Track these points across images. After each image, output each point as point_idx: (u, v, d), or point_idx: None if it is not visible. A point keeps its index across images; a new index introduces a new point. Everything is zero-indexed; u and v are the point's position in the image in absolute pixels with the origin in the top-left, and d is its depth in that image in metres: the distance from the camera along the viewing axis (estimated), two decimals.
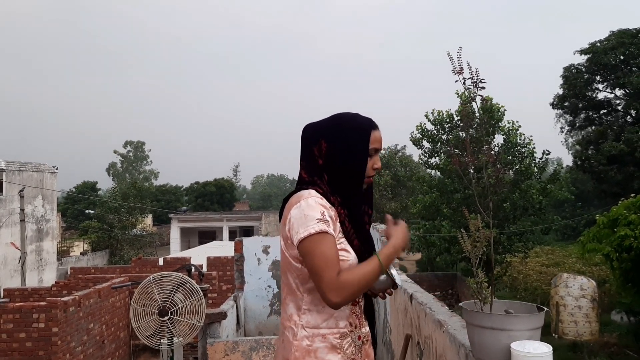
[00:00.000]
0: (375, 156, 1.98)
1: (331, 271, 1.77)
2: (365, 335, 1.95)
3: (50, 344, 8.94)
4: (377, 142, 1.97)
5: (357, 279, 1.78)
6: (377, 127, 1.99)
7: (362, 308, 1.96)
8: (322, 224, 1.80)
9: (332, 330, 1.87)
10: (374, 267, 1.82)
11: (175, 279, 4.61)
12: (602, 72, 25.06)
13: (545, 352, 1.75)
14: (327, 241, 1.79)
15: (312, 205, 1.83)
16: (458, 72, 1.91)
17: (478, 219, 2.06)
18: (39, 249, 17.85)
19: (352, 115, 2.00)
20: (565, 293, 16.93)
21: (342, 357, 1.86)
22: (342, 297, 1.77)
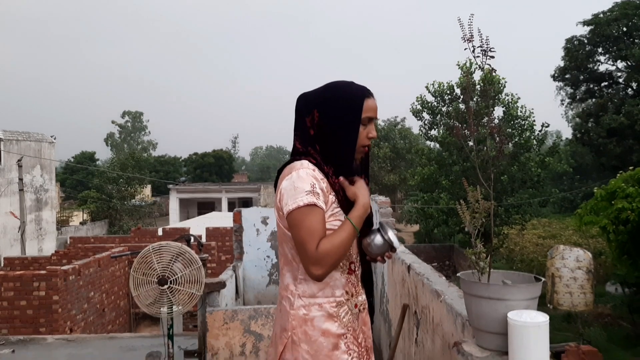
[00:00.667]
0: (370, 125, 1.93)
1: (314, 244, 1.77)
2: (362, 303, 1.96)
3: (51, 312, 9.04)
4: (372, 111, 1.92)
5: (334, 248, 1.77)
6: (372, 95, 1.94)
7: (358, 276, 1.96)
8: (311, 197, 1.79)
9: (328, 299, 1.88)
10: (349, 232, 1.81)
11: (174, 249, 4.63)
12: (605, 44, 24.79)
13: (542, 322, 1.76)
14: (315, 214, 1.79)
15: (303, 177, 1.83)
16: (468, 39, 1.87)
17: (477, 190, 2.05)
18: (38, 219, 17.90)
19: (346, 83, 1.95)
20: (561, 265, 17.09)
21: (338, 325, 1.88)
22: (324, 269, 1.78)
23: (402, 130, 38.35)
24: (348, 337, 1.89)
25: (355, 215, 1.85)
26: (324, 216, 1.82)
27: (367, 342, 1.97)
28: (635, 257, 9.88)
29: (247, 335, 4.94)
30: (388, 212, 5.89)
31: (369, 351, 1.98)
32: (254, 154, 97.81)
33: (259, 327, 4.95)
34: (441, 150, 19.76)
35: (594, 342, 12.06)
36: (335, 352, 1.86)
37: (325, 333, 1.86)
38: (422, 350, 3.39)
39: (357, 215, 1.86)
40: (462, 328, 2.41)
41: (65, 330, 9.04)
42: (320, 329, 1.86)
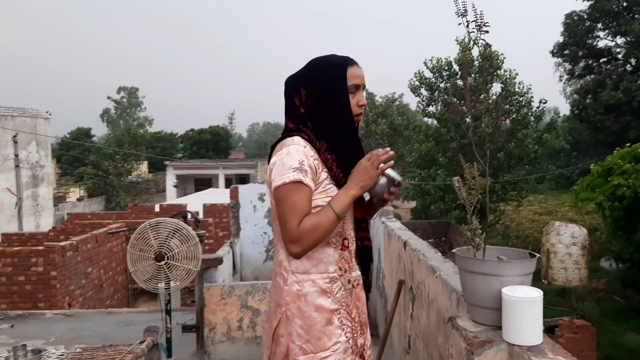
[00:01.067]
0: (358, 92, 1.92)
1: (295, 221, 1.77)
2: (356, 279, 1.96)
3: (49, 287, 9.09)
4: (357, 78, 1.90)
5: (314, 228, 1.78)
6: (355, 63, 1.92)
7: (352, 252, 1.96)
8: (298, 173, 1.79)
9: (322, 275, 1.89)
10: (329, 218, 1.80)
11: (171, 225, 4.64)
12: (604, 20, 24.57)
13: (536, 297, 1.78)
14: (300, 191, 1.79)
15: (292, 154, 1.82)
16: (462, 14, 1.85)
17: (474, 167, 2.05)
18: (35, 195, 17.88)
19: (326, 56, 1.95)
20: (556, 240, 17.24)
21: (332, 301, 1.89)
22: (302, 246, 1.79)
23: (400, 106, 38.18)
24: (341, 312, 1.90)
25: (337, 201, 1.83)
26: (310, 193, 1.82)
27: (362, 317, 1.98)
28: (630, 233, 9.94)
29: (244, 311, 4.99)
30: None
31: (364, 326, 2.00)
32: (250, 130, 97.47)
33: (256, 302, 4.99)
34: (439, 127, 19.72)
35: (587, 316, 12.23)
36: (329, 327, 1.88)
37: (319, 308, 1.87)
38: (417, 324, 3.43)
39: (342, 202, 1.83)
40: (457, 303, 2.44)
41: (63, 306, 9.11)
42: (313, 304, 1.87)
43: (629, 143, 10.69)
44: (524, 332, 1.77)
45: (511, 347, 1.80)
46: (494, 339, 1.86)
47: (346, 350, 1.90)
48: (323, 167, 1.87)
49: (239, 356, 4.90)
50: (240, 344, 4.96)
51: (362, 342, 1.98)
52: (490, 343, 1.86)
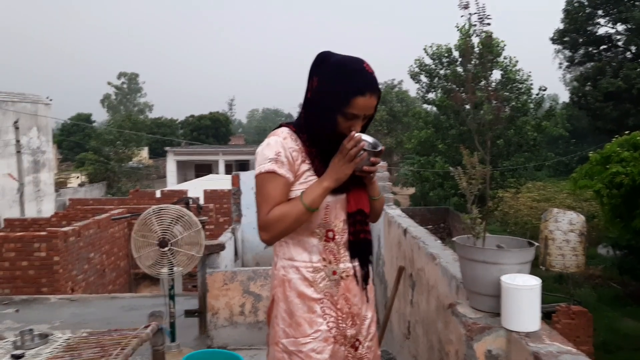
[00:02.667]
0: (355, 121, 1.85)
1: (266, 210, 1.85)
2: (344, 271, 1.95)
3: (52, 272, 9.18)
4: (359, 109, 1.83)
5: (282, 218, 1.83)
6: (369, 93, 1.82)
7: (340, 244, 1.96)
8: (273, 164, 1.85)
9: (305, 263, 1.93)
10: (297, 208, 1.84)
11: (174, 211, 4.69)
12: (605, 6, 24.44)
13: (534, 285, 1.83)
14: (273, 181, 1.85)
15: (271, 145, 1.88)
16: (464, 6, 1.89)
17: (474, 156, 2.10)
18: (36, 180, 17.91)
19: (354, 69, 1.84)
20: (554, 227, 17.29)
21: (314, 290, 1.93)
22: (270, 234, 1.87)
23: (400, 93, 38.09)
24: (325, 302, 1.93)
25: (310, 195, 1.85)
26: (285, 184, 1.87)
27: (352, 309, 1.98)
28: (628, 220, 10.03)
29: (247, 296, 5.06)
30: (385, 176, 5.95)
31: (355, 317, 1.98)
32: (250, 116, 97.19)
33: (258, 287, 5.07)
34: (438, 113, 19.71)
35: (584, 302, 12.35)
36: (311, 315, 1.92)
37: (301, 295, 1.93)
38: (417, 310, 3.50)
39: (313, 194, 1.84)
40: (456, 290, 2.50)
41: (67, 291, 9.19)
42: (297, 290, 1.93)
43: (627, 131, 10.74)
44: (522, 319, 1.84)
45: (509, 333, 1.86)
46: (493, 325, 1.92)
47: (327, 339, 1.93)
48: (306, 159, 1.91)
49: (241, 340, 4.99)
50: (242, 329, 5.05)
51: (352, 333, 1.98)
52: (490, 329, 1.92)
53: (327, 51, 1.93)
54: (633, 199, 9.54)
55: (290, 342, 1.93)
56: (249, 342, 4.98)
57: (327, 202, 1.91)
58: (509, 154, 18.37)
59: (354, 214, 1.98)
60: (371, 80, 1.85)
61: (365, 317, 2.04)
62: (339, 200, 1.94)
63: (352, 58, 1.88)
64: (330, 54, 1.91)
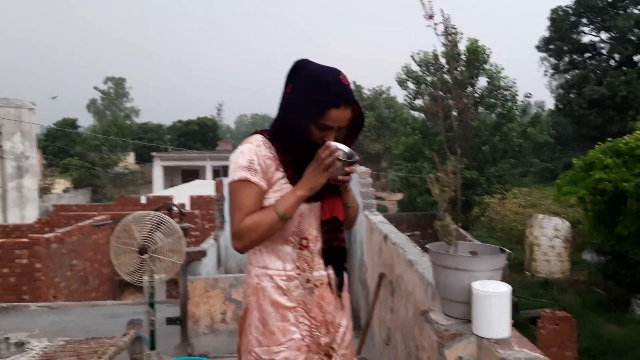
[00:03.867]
0: (329, 132, 1.83)
1: (238, 218, 1.84)
2: (318, 279, 1.95)
3: (33, 280, 9.06)
4: (333, 121, 1.81)
5: (255, 227, 1.82)
6: (344, 105, 1.81)
7: (314, 252, 1.95)
8: (245, 172, 1.85)
9: (279, 271, 1.92)
10: (271, 217, 1.83)
11: (155, 218, 4.65)
12: (589, 15, 24.77)
13: (504, 292, 1.84)
14: (246, 189, 1.85)
15: (244, 152, 1.88)
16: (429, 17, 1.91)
17: (447, 164, 2.11)
18: (20, 186, 17.70)
19: (330, 80, 1.83)
20: (539, 233, 17.46)
21: (288, 299, 1.92)
22: (242, 243, 1.86)
23: (387, 99, 38.24)
24: (298, 310, 1.92)
25: (284, 203, 1.84)
26: (258, 192, 1.86)
27: (326, 317, 1.97)
28: (611, 227, 10.10)
29: (228, 303, 5.03)
30: (368, 183, 5.95)
31: (329, 325, 1.98)
32: (239, 121, 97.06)
33: (240, 295, 5.04)
34: (425, 120, 19.79)
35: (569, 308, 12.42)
36: (284, 324, 1.92)
37: (275, 304, 1.92)
38: (396, 317, 3.50)
39: (287, 203, 1.84)
40: (432, 297, 2.50)
41: (48, 298, 9.08)
42: (270, 299, 1.92)
43: (611, 138, 10.84)
44: (492, 326, 1.84)
45: (480, 340, 1.86)
46: (464, 332, 1.92)
47: (300, 348, 1.92)
48: (279, 166, 1.90)
49: (222, 348, 4.95)
50: (223, 337, 5.01)
51: (326, 341, 1.97)
52: (461, 336, 1.92)
53: (304, 59, 1.92)
54: (616, 205, 9.61)
55: (264, 350, 1.92)
56: (230, 350, 4.94)
57: (301, 210, 1.90)
58: (494, 160, 18.46)
59: (327, 221, 1.97)
60: (346, 92, 1.83)
61: (340, 325, 2.03)
62: (314, 208, 1.94)
63: (328, 69, 1.87)
64: (307, 63, 1.90)
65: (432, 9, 1.88)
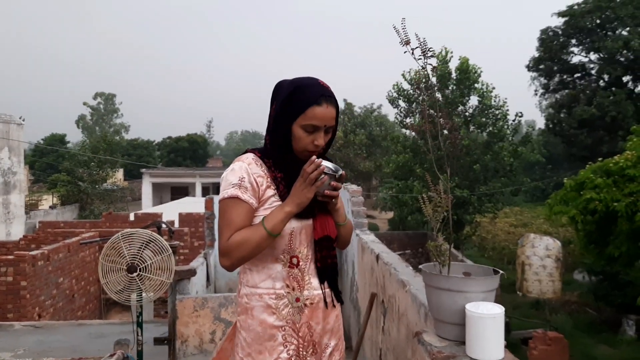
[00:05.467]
0: (316, 133, 1.85)
1: (227, 235, 1.83)
2: (308, 298, 1.94)
3: (19, 297, 8.90)
4: (316, 119, 1.83)
5: (243, 244, 1.81)
6: (323, 103, 1.84)
7: (305, 270, 1.94)
8: (236, 189, 1.85)
9: (268, 290, 1.91)
10: (259, 233, 1.82)
11: (144, 236, 4.59)
12: (578, 36, 25.11)
13: (497, 313, 1.81)
14: (236, 206, 1.85)
15: (235, 170, 1.88)
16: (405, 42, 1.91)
17: (439, 184, 2.08)
18: (6, 202, 17.51)
19: (305, 83, 1.88)
20: (531, 253, 17.47)
21: (276, 318, 1.90)
22: (230, 260, 1.83)
23: (378, 117, 38.42)
24: (287, 329, 1.90)
25: (272, 220, 1.84)
26: (248, 209, 1.86)
27: (314, 336, 1.95)
28: (602, 247, 10.11)
29: (217, 323, 4.95)
30: (360, 201, 5.92)
31: (316, 345, 1.96)
32: (229, 138, 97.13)
33: (229, 314, 4.96)
34: (416, 138, 19.86)
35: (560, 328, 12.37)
36: (272, 343, 1.90)
37: (263, 323, 1.90)
38: (388, 338, 3.44)
39: (275, 219, 1.84)
40: (425, 318, 2.46)
41: (33, 317, 8.91)
42: (258, 318, 1.91)
43: (601, 157, 10.91)
44: (486, 348, 1.80)
45: None
46: (458, 354, 1.88)
47: None
48: (271, 184, 1.90)
49: None
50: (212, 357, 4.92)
51: None
52: (454, 358, 1.87)
53: (283, 79, 1.96)
54: (607, 225, 9.64)
55: None
56: None
57: (292, 227, 1.89)
58: (485, 179, 18.52)
59: (320, 240, 1.96)
60: (326, 90, 1.87)
61: (328, 345, 2.01)
62: (305, 226, 1.93)
63: (305, 77, 1.92)
64: (285, 80, 1.95)
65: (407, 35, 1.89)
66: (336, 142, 35.42)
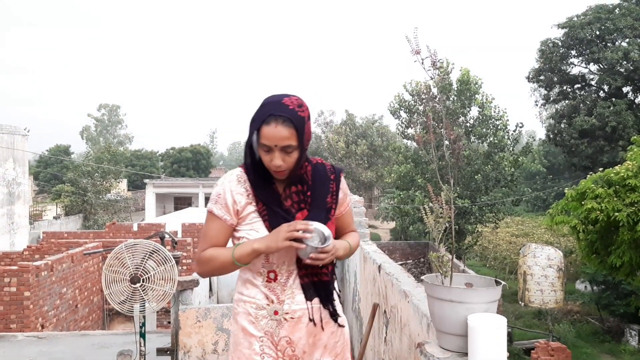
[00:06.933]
0: (271, 153, 1.82)
1: (201, 246, 1.95)
2: (288, 313, 1.93)
3: (22, 308, 8.91)
4: (266, 139, 1.80)
5: (210, 261, 1.92)
6: (272, 122, 1.79)
7: (286, 285, 1.93)
8: (212, 205, 1.95)
9: (251, 299, 1.96)
10: (226, 257, 1.89)
11: (147, 247, 4.62)
12: (578, 47, 25.19)
13: (500, 325, 1.83)
14: (210, 220, 1.95)
15: (218, 185, 1.97)
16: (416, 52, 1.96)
17: (442, 194, 2.11)
18: (10, 213, 17.56)
19: (268, 102, 1.86)
20: (532, 263, 17.46)
21: (255, 327, 1.94)
22: (200, 270, 1.99)
23: (380, 127, 38.54)
24: (264, 340, 1.93)
25: (240, 250, 1.88)
26: (221, 225, 1.93)
27: (297, 351, 1.95)
28: (604, 256, 10.10)
29: (220, 334, 4.96)
30: (361, 212, 5.95)
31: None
32: (232, 149, 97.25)
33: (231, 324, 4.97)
34: (417, 148, 19.93)
35: (563, 338, 12.34)
36: (250, 352, 1.94)
37: (244, 330, 1.96)
38: (390, 349, 3.46)
39: (243, 251, 1.87)
40: (427, 328, 2.48)
41: (36, 327, 8.92)
42: (241, 325, 1.97)
43: (602, 167, 10.93)
44: (489, 359, 1.82)
45: None
46: None
47: None
48: (252, 201, 1.93)
49: None
50: None
51: None
52: None
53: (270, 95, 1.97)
54: (608, 235, 9.64)
55: None
56: None
57: None
58: (487, 189, 18.56)
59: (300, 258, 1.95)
60: (277, 110, 1.80)
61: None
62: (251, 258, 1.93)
63: (275, 95, 1.90)
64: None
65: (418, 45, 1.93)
66: (338, 152, 35.52)
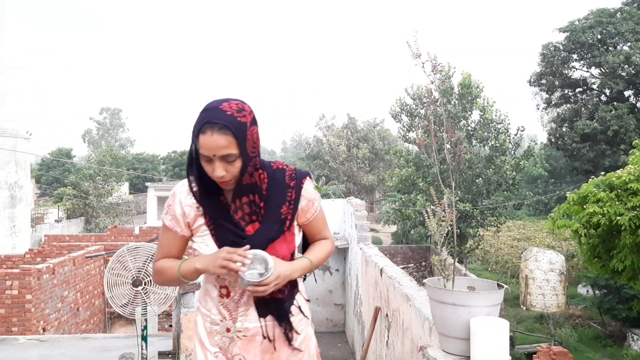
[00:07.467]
0: (211, 163, 1.72)
1: (157, 256, 1.95)
2: (241, 331, 1.85)
3: (24, 311, 8.92)
4: (204, 148, 1.69)
5: (160, 272, 1.92)
6: (208, 131, 1.67)
7: (240, 302, 1.85)
8: (163, 215, 1.93)
9: (208, 312, 1.91)
10: (172, 271, 1.87)
11: (149, 250, 4.63)
12: (579, 51, 25.18)
13: (503, 328, 1.83)
14: (163, 230, 1.94)
15: (170, 195, 1.94)
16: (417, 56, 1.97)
17: (444, 198, 2.12)
18: (12, 216, 17.58)
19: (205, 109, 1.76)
20: (534, 267, 17.40)
21: (209, 341, 1.90)
22: (154, 280, 2.01)
23: (381, 131, 38.57)
24: (219, 356, 1.88)
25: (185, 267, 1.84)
26: (172, 236, 1.91)
27: None
28: (605, 261, 10.08)
29: None
30: (363, 215, 5.95)
31: None
32: None
33: None
34: (419, 152, 19.94)
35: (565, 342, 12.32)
36: None
37: (200, 342, 1.93)
38: (392, 352, 3.46)
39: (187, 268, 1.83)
40: (429, 332, 2.48)
41: (38, 330, 8.93)
42: (198, 334, 1.95)
43: (603, 171, 10.92)
44: None
45: None
46: None
47: None
48: (200, 212, 1.86)
49: None
50: None
51: None
52: None
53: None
54: (610, 239, 9.62)
55: None
56: None
57: None
58: (488, 193, 18.54)
59: None
60: (215, 116, 1.68)
61: None
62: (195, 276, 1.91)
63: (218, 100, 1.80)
64: None
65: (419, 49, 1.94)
66: (339, 155, 35.54)
